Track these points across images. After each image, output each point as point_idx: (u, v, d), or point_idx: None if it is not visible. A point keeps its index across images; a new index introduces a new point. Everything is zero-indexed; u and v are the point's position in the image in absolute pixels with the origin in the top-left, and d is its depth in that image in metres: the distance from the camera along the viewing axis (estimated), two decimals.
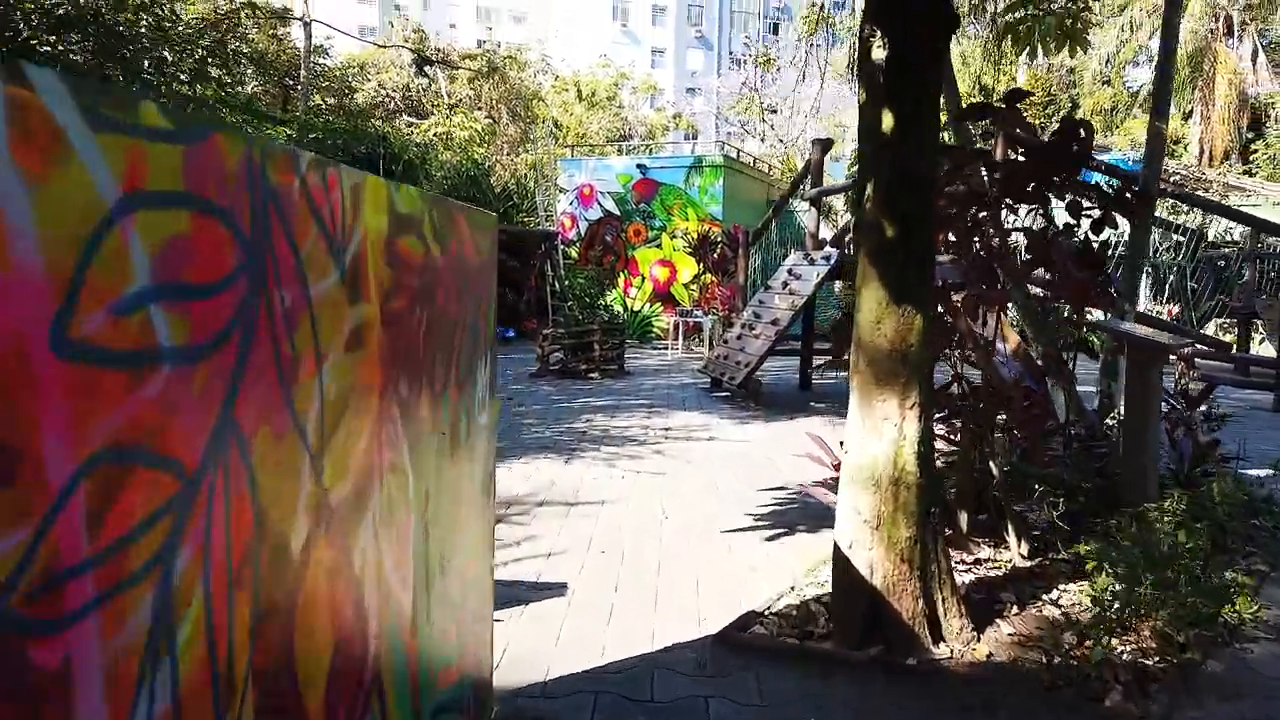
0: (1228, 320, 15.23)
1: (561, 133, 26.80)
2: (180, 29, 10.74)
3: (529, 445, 7.45)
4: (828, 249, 10.56)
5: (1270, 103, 25.95)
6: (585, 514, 5.34)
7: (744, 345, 10.52)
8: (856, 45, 3.45)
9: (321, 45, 18.90)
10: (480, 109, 25.39)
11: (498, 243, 2.61)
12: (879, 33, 3.12)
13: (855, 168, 19.23)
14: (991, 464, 4.50)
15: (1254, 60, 25.51)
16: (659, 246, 19.41)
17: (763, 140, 37.04)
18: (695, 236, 18.72)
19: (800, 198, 11.60)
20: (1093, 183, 4.46)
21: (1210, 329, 15.68)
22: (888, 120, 3.16)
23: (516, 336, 18.84)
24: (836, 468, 3.94)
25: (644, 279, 19.58)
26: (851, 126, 26.88)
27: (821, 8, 33.60)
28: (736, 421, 8.93)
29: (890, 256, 3.25)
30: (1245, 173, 24.51)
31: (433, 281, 2.01)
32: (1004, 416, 4.59)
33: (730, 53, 56.16)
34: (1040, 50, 7.56)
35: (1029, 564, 4.39)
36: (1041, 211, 4.35)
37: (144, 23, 9.04)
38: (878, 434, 3.35)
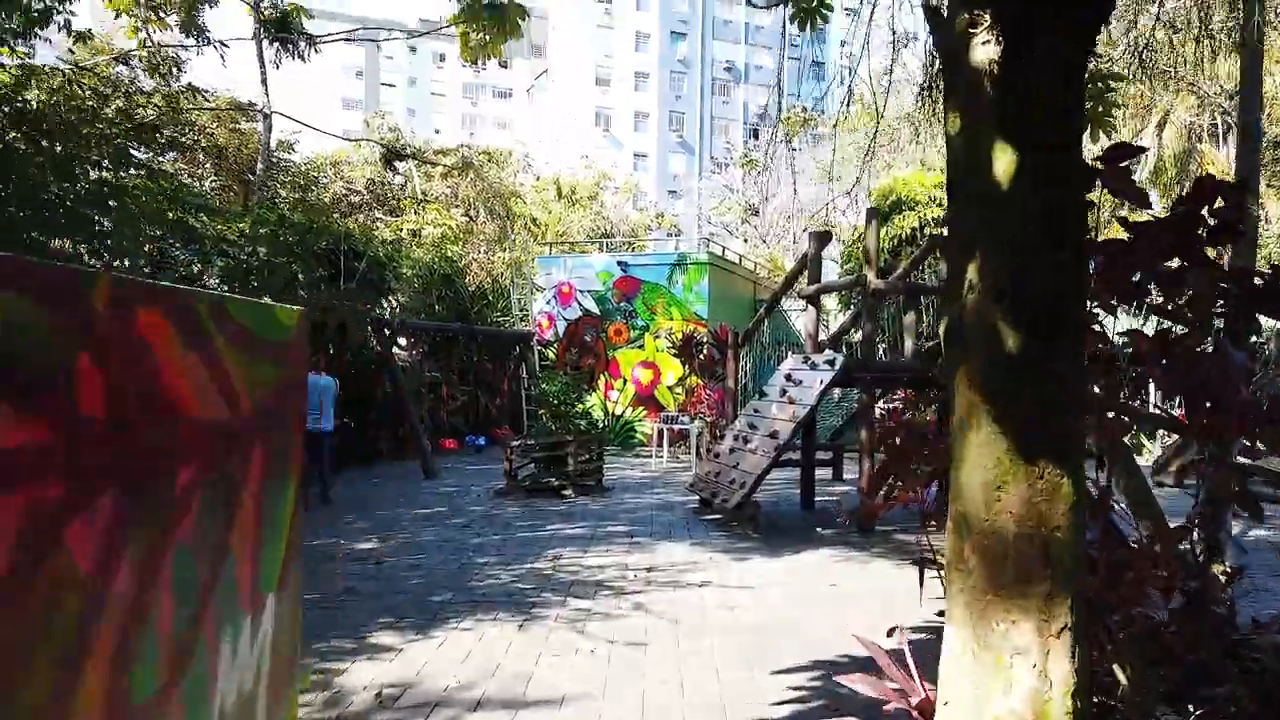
0: None
1: (540, 229, 26.02)
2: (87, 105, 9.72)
3: (478, 598, 5.96)
4: (830, 352, 9.35)
5: (1260, 203, 25.75)
6: None
7: (738, 461, 9.17)
8: (936, 47, 2.26)
9: (287, 140, 18.09)
10: (457, 207, 24.67)
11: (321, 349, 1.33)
12: (986, 18, 1.91)
13: (850, 264, 18.37)
14: (1117, 669, 3.12)
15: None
16: (641, 347, 18.26)
17: (745, 241, 36.71)
18: (679, 337, 17.61)
19: (797, 295, 10.47)
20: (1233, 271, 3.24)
21: None
22: (1006, 159, 1.92)
23: (488, 445, 17.37)
24: (922, 712, 2.54)
25: (626, 381, 18.33)
26: (839, 226, 26.31)
27: (805, 110, 33.95)
28: (734, 556, 7.48)
29: (1015, 382, 1.95)
30: None
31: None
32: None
33: (712, 157, 56.92)
34: None
35: None
36: (1176, 309, 3.11)
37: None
38: (1003, 677, 1.98)
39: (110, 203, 8.96)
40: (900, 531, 8.74)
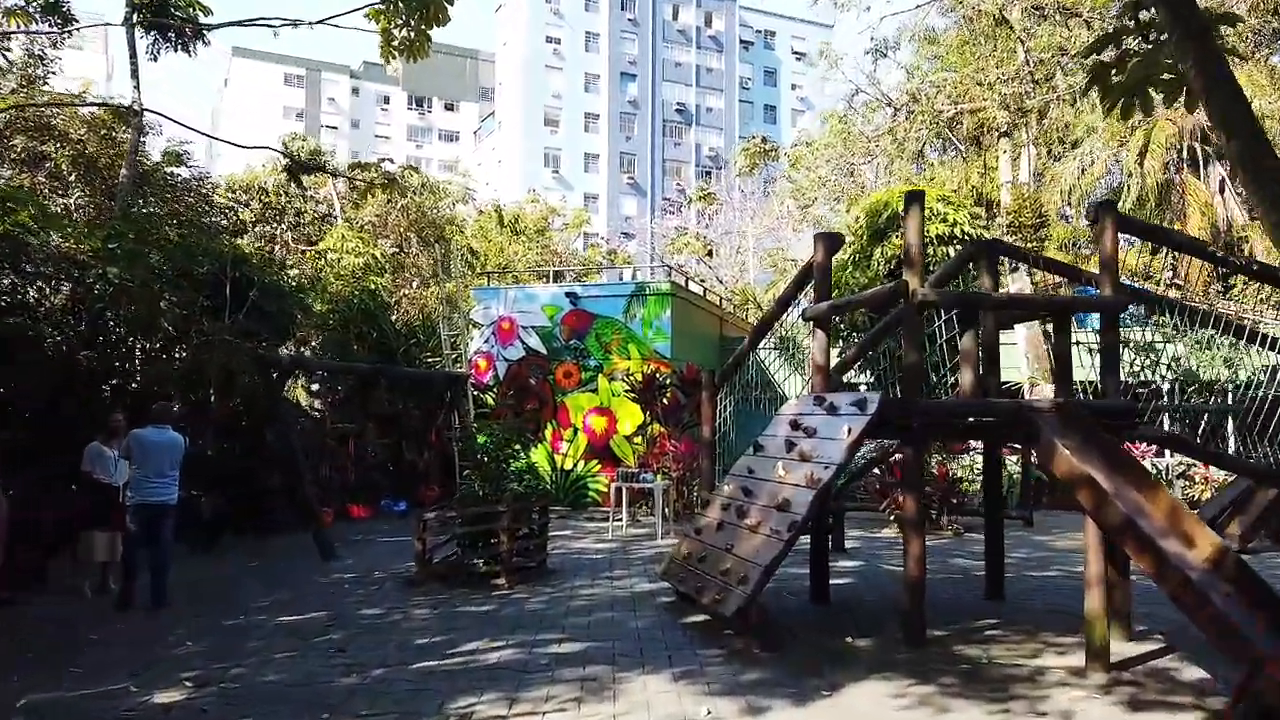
0: None
1: (479, 260, 23.42)
2: None
3: None
4: (858, 394, 6.91)
5: (1244, 236, 24.39)
6: None
7: (732, 541, 6.57)
8: None
9: (176, 151, 15.33)
10: (386, 236, 22.03)
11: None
12: None
13: (836, 293, 16.05)
14: None
15: (1222, 191, 24.12)
16: (594, 391, 15.68)
17: (703, 282, 34.68)
18: (639, 378, 15.11)
19: (802, 317, 8.05)
20: None
21: None
22: None
23: (410, 510, 14.46)
24: None
25: (576, 430, 15.71)
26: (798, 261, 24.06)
27: (764, 140, 31.83)
28: (743, 703, 4.83)
29: None
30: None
31: None
32: None
33: (665, 198, 55.14)
34: (1140, 107, 4.44)
35: None
36: None
37: None
38: None
39: None
40: (960, 640, 6.24)
